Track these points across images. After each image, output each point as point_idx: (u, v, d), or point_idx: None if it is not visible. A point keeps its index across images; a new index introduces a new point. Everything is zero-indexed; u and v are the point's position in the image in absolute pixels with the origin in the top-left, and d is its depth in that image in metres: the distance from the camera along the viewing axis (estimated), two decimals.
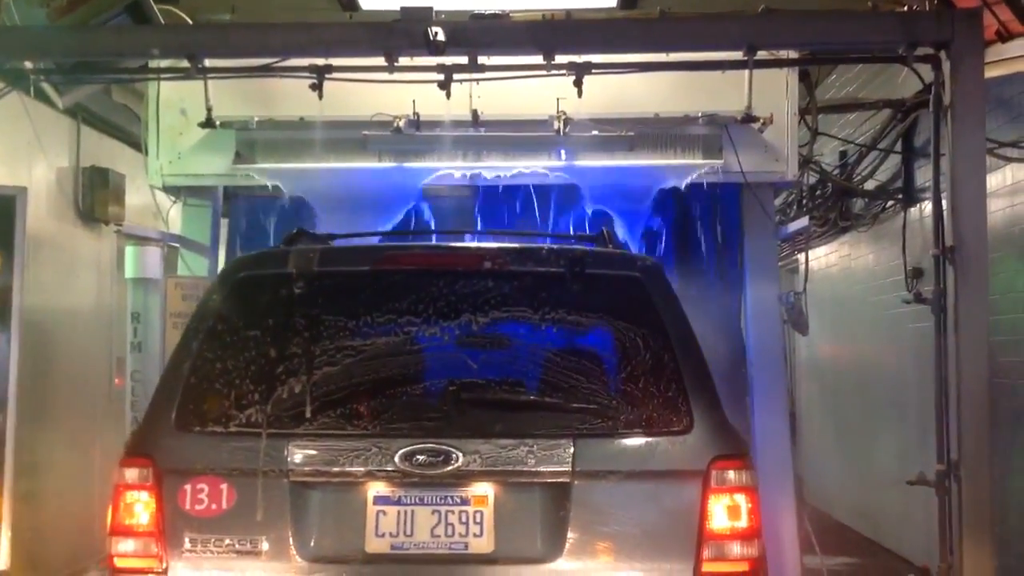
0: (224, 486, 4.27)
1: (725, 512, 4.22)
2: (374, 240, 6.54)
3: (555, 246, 5.15)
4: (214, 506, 4.26)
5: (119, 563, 4.30)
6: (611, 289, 4.65)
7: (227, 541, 4.24)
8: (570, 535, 4.19)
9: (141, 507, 4.28)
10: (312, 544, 4.24)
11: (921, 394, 7.32)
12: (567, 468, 4.22)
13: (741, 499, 4.23)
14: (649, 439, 4.32)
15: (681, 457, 4.27)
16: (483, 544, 4.21)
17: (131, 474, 4.33)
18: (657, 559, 4.21)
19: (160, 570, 4.24)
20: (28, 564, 6.07)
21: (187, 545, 4.24)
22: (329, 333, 4.51)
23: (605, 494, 4.24)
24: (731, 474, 4.25)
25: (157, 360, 6.80)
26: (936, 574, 5.95)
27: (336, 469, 4.24)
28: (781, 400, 7.26)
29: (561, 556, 4.18)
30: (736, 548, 4.21)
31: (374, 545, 4.21)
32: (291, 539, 4.22)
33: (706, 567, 4.17)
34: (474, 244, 5.73)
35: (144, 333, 6.76)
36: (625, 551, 4.21)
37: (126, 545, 4.29)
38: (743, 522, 4.22)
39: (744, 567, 4.21)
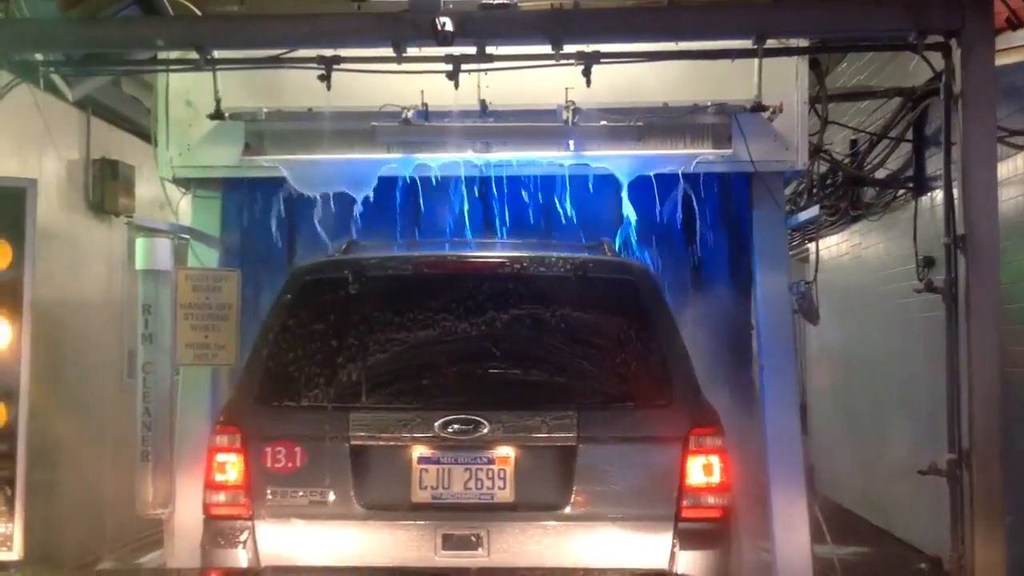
0: (298, 449, 5.24)
1: (701, 470, 5.21)
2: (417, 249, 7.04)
3: (563, 255, 5.94)
4: (290, 465, 5.23)
5: (214, 511, 5.32)
6: (609, 290, 5.63)
7: (301, 493, 5.23)
8: (576, 487, 5.21)
9: (231, 466, 5.28)
10: (369, 495, 5.23)
11: (932, 383, 7.29)
12: (573, 434, 5.22)
13: (715, 460, 5.22)
14: (639, 412, 5.34)
15: (665, 426, 5.27)
16: (506, 495, 5.22)
17: (223, 440, 5.32)
18: (646, 507, 5.21)
19: (247, 516, 5.24)
20: (41, 554, 6.09)
21: (269, 497, 5.24)
22: (379, 326, 5.48)
23: (604, 455, 5.25)
24: (706, 440, 5.24)
25: (168, 351, 6.81)
26: (947, 563, 5.93)
27: (387, 435, 5.24)
28: (792, 390, 7.24)
29: (569, 505, 5.20)
30: (710, 499, 5.22)
31: (419, 496, 5.22)
32: (352, 491, 5.22)
33: (685, 513, 5.18)
34: (496, 252, 6.46)
35: (155, 324, 6.76)
36: (620, 500, 5.21)
37: (219, 497, 5.31)
38: (716, 478, 5.22)
39: (716, 513, 5.23)
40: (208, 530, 5.34)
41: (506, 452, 5.23)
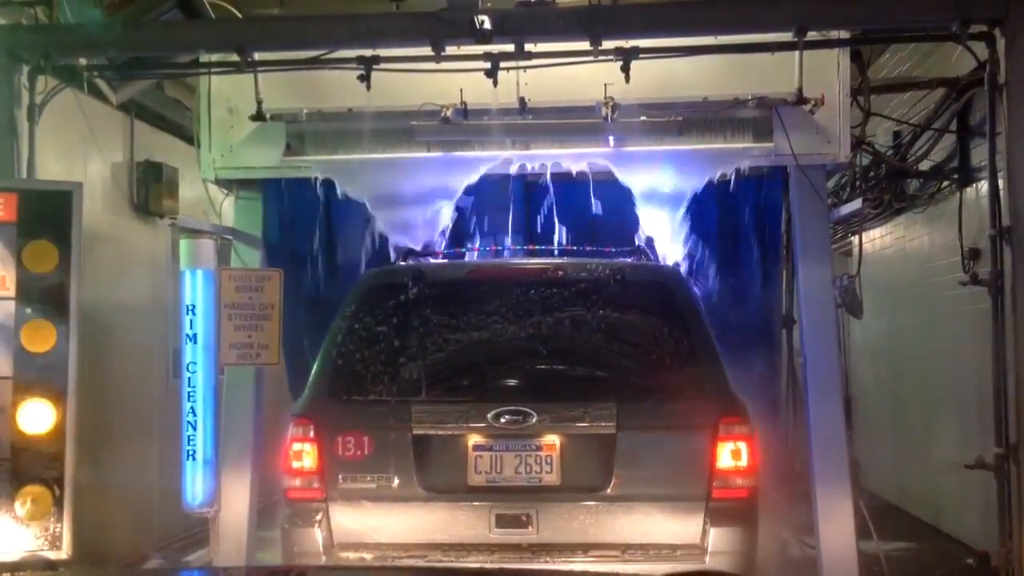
0: (366, 438, 5.80)
1: (729, 455, 5.71)
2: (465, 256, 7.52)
3: (603, 260, 6.48)
4: (359, 453, 5.79)
5: (292, 495, 5.90)
6: (644, 292, 6.20)
7: (368, 478, 5.79)
8: (616, 471, 5.73)
9: (306, 454, 5.84)
10: (429, 479, 5.80)
11: (979, 377, 7.21)
12: (613, 423, 5.74)
13: (742, 445, 5.72)
14: (673, 402, 5.83)
15: (696, 415, 5.77)
16: (552, 478, 5.77)
17: (298, 431, 5.88)
18: (680, 488, 5.72)
19: (321, 499, 5.81)
20: (89, 553, 6.16)
21: (340, 481, 5.81)
22: (437, 327, 6.04)
23: (641, 442, 5.77)
24: (734, 427, 5.73)
25: (212, 351, 6.86)
26: (995, 559, 5.88)
27: (446, 425, 5.82)
28: (836, 384, 7.19)
29: (609, 487, 5.73)
30: (738, 480, 5.73)
31: (474, 480, 5.79)
32: (414, 476, 5.78)
33: (716, 493, 5.69)
34: (541, 259, 6.92)
35: (199, 325, 6.81)
36: (656, 482, 5.74)
37: (296, 482, 5.88)
38: (743, 462, 5.72)
39: (744, 494, 5.74)
40: (286, 511, 5.95)
41: (552, 440, 5.76)
